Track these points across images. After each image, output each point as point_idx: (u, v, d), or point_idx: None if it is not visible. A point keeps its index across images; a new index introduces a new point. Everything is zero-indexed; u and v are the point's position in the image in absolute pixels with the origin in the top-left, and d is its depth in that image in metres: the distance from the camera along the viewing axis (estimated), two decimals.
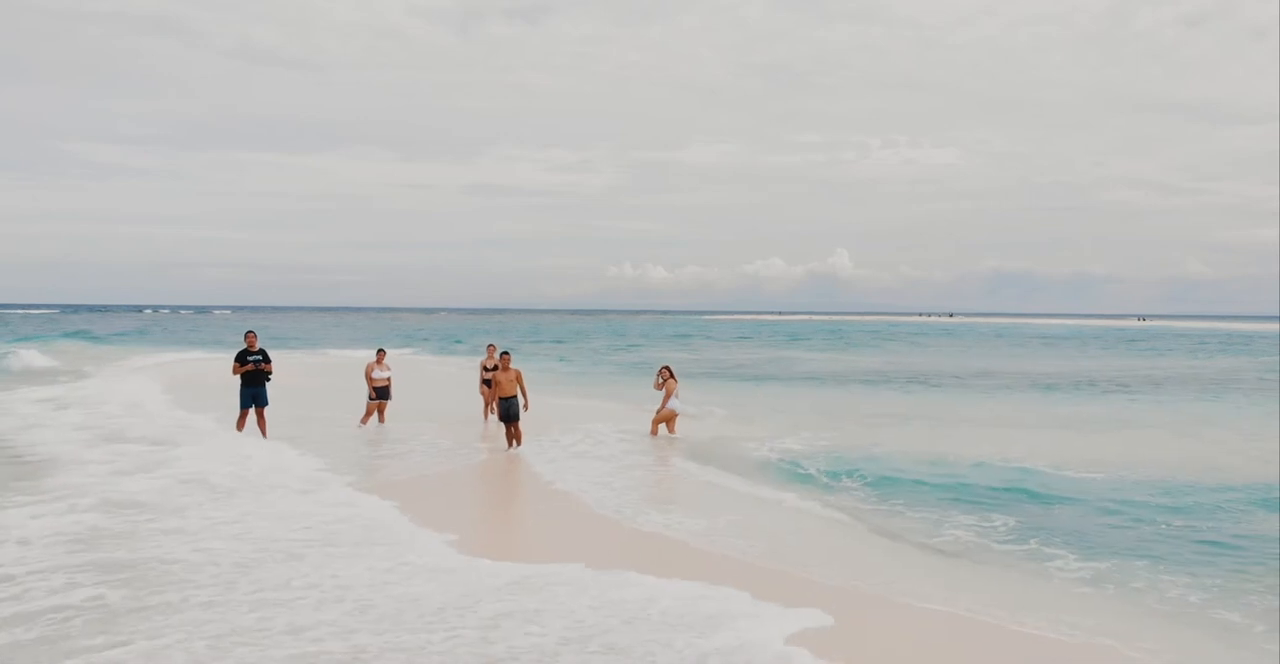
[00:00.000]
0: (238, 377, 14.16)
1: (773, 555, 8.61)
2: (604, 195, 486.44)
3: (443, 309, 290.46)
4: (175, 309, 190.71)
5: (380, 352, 16.58)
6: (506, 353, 14.90)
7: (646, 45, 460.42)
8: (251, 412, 14.14)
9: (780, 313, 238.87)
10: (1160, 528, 9.98)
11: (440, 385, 24.54)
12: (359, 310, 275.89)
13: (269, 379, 14.26)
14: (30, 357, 34.62)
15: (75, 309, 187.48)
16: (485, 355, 17.61)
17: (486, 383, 16.77)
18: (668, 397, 15.70)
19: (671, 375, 15.93)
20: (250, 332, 14.50)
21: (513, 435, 14.20)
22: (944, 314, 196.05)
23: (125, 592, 7.02)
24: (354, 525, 9.17)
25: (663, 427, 15.76)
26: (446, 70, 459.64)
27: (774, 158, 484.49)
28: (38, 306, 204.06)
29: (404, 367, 28.46)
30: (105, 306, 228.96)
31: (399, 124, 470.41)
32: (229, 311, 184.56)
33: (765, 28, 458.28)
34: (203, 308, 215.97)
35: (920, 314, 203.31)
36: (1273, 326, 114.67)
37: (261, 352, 14.27)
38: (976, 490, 11.76)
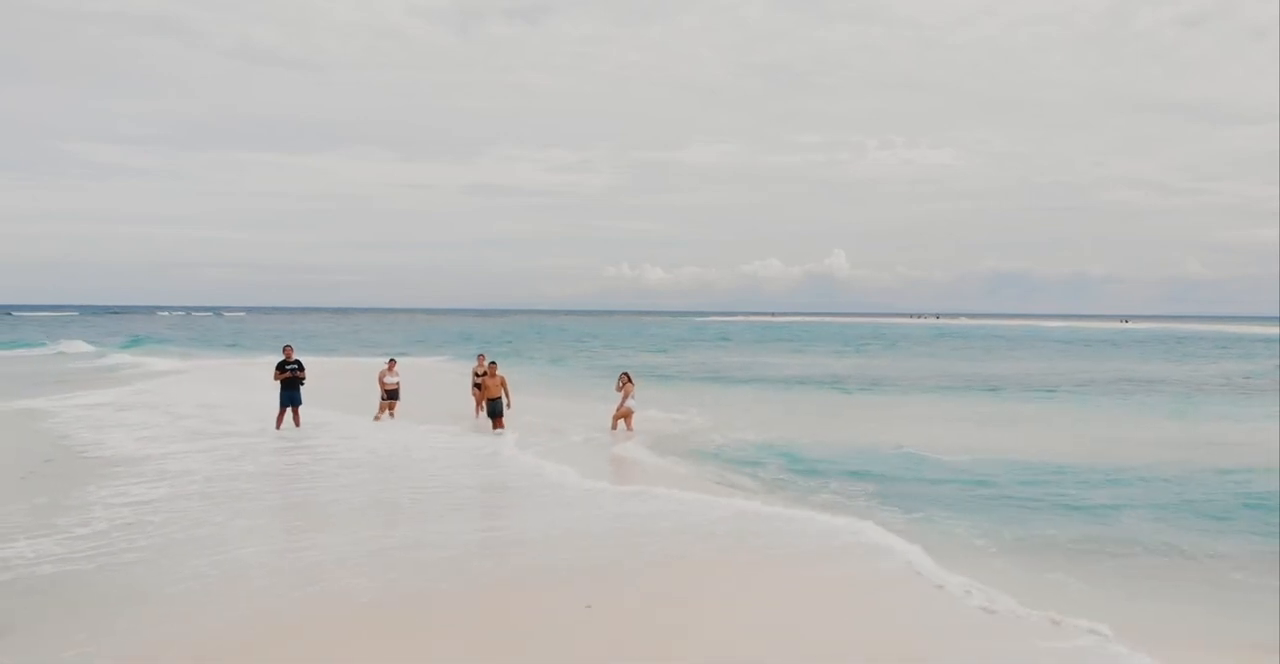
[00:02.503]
0: (278, 381, 17.77)
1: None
2: (604, 195, 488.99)
3: (445, 310, 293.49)
4: (189, 311, 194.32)
5: (391, 361, 20.10)
6: (494, 362, 18.46)
7: (646, 45, 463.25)
8: (289, 410, 17.78)
9: (773, 314, 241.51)
10: (980, 494, 13.49)
11: (442, 388, 27.93)
12: (360, 311, 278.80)
13: (303, 384, 17.84)
14: (155, 362, 39.21)
15: (92, 310, 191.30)
16: (476, 363, 21.15)
17: (477, 386, 20.28)
18: (625, 398, 19.10)
19: (630, 380, 19.35)
20: (288, 345, 18.11)
21: (497, 426, 17.74)
22: (931, 316, 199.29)
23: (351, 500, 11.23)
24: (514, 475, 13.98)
25: (623, 422, 19.25)
26: (446, 70, 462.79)
27: (774, 158, 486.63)
28: (49, 308, 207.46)
29: (427, 371, 31.98)
30: (121, 307, 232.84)
31: (399, 124, 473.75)
32: (242, 313, 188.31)
33: (765, 28, 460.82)
34: (214, 308, 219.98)
35: (911, 316, 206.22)
36: (1262, 329, 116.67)
37: (297, 362, 17.84)
38: (868, 469, 15.09)
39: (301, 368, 17.92)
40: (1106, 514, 12.24)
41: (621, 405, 19.11)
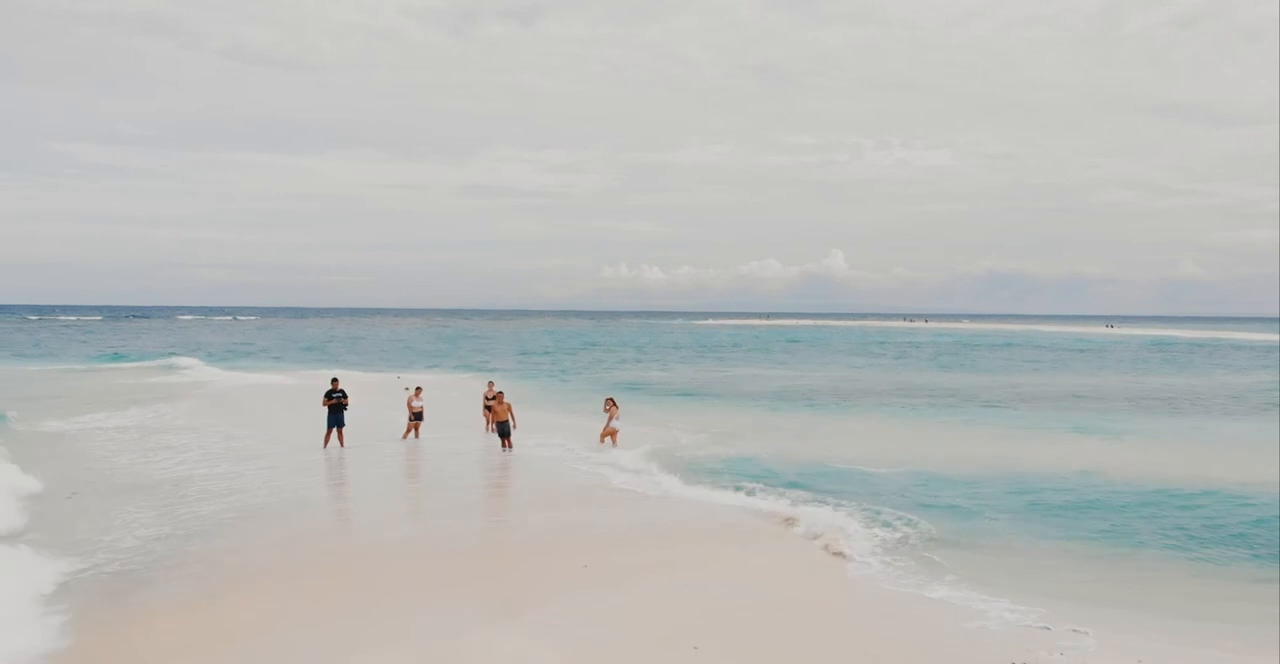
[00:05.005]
0: (325, 406, 21.81)
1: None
2: (599, 196, 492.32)
3: (444, 311, 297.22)
4: (206, 314, 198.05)
5: (418, 388, 24.00)
6: (501, 392, 22.47)
7: (641, 46, 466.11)
8: (334, 432, 21.82)
9: (767, 316, 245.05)
10: (881, 496, 17.33)
11: (456, 407, 31.21)
12: (359, 312, 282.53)
13: (346, 408, 21.87)
14: (280, 379, 42.59)
15: (112, 312, 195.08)
16: (487, 388, 25.09)
17: (488, 408, 24.21)
18: (610, 419, 23.01)
19: (614, 405, 23.26)
20: (335, 378, 22.18)
21: (506, 445, 21.73)
22: (920, 319, 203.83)
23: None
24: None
25: (609, 439, 23.14)
26: (441, 71, 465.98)
27: (769, 159, 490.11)
28: (53, 309, 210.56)
29: (442, 388, 35.91)
30: (138, 308, 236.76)
31: (393, 125, 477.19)
32: (254, 317, 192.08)
33: (759, 29, 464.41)
34: (222, 310, 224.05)
35: (905, 318, 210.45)
36: (1249, 335, 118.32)
37: (341, 391, 21.82)
38: (821, 480, 18.69)
39: (345, 396, 21.89)
40: (973, 516, 16.05)
41: (608, 425, 23.05)
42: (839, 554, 13.39)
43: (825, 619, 10.59)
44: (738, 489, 17.76)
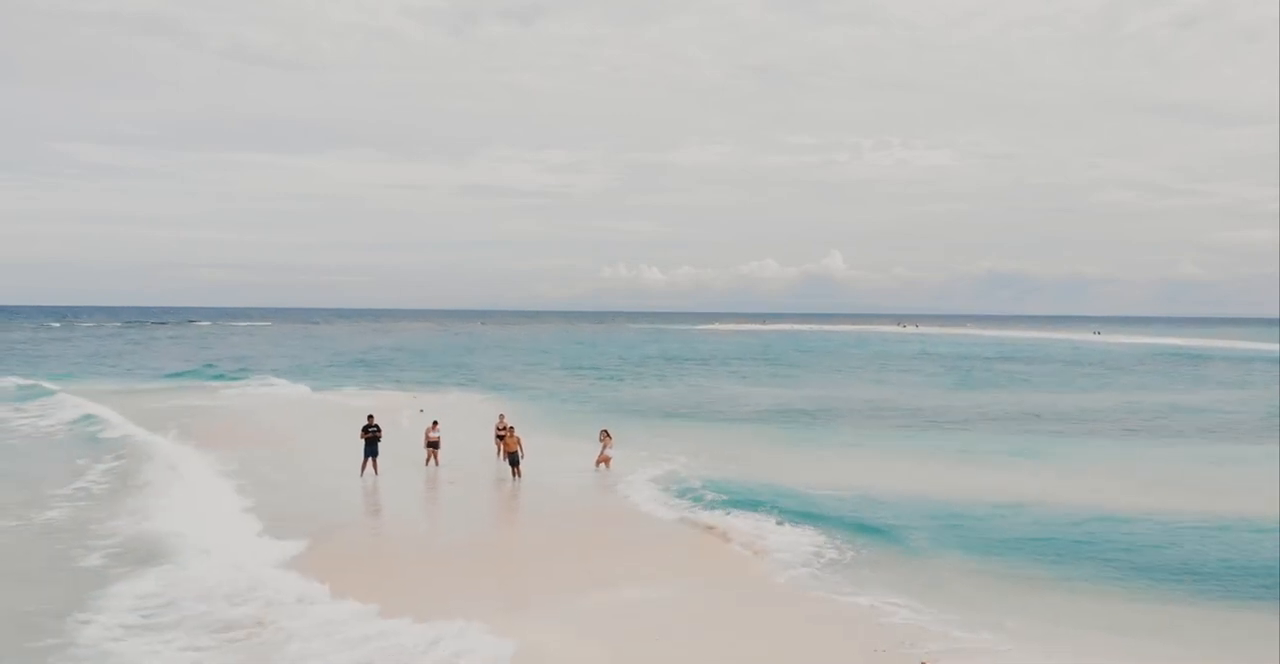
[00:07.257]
0: (363, 439, 25.68)
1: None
2: (598, 196, 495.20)
3: (443, 312, 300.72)
4: (216, 318, 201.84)
5: (435, 422, 27.63)
6: (511, 426, 26.29)
7: (641, 46, 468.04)
8: (370, 461, 25.64)
9: (765, 319, 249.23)
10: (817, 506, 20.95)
11: (469, 433, 33.51)
12: (359, 312, 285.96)
13: (380, 440, 25.69)
14: (344, 400, 45.52)
15: (126, 314, 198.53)
16: (498, 421, 28.74)
17: (499, 437, 27.93)
18: (604, 448, 26.74)
19: (608, 435, 26.97)
20: (370, 414, 26.08)
21: (516, 474, 25.49)
22: (911, 323, 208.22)
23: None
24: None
25: (604, 464, 26.82)
26: (441, 71, 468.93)
27: (769, 159, 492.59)
28: (80, 312, 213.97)
29: (452, 408, 39.73)
30: (148, 309, 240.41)
31: (393, 125, 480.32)
32: (268, 321, 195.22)
33: (759, 29, 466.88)
34: (228, 311, 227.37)
35: (897, 322, 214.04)
36: (1242, 343, 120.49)
37: (376, 425, 25.63)
38: (775, 499, 21.94)
39: (379, 430, 25.73)
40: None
41: (602, 453, 26.82)
42: (785, 567, 17.09)
43: (764, 617, 14.17)
44: (720, 510, 21.12)
